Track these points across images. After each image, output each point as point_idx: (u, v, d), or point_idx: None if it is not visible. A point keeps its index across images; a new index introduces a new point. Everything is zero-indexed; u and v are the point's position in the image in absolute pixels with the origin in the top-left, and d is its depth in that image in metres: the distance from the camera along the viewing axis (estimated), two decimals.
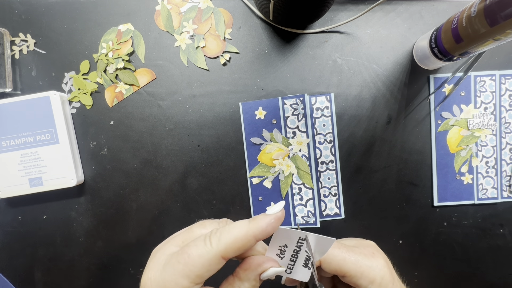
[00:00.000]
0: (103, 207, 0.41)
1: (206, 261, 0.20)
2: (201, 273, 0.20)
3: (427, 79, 0.41)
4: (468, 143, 0.41)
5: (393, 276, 0.27)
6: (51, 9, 0.40)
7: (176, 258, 0.20)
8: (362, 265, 0.26)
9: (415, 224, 0.42)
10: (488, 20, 0.27)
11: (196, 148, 0.41)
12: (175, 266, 0.20)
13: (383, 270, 0.26)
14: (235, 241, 0.21)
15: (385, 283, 0.26)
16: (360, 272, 0.26)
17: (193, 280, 0.20)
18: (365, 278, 0.26)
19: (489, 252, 0.42)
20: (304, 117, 0.41)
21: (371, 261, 0.26)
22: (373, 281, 0.26)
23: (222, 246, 0.20)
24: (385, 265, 0.27)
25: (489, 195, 0.41)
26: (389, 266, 0.27)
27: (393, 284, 0.26)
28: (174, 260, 0.20)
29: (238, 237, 0.21)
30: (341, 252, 0.27)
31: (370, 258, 0.27)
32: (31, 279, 0.42)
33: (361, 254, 0.27)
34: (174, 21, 0.40)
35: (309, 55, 0.41)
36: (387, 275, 0.26)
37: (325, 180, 0.41)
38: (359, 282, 0.26)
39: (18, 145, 0.39)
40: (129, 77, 0.40)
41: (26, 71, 0.40)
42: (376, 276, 0.26)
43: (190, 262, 0.20)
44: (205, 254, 0.20)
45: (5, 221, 0.41)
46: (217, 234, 0.21)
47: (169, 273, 0.20)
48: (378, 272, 0.26)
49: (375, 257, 0.27)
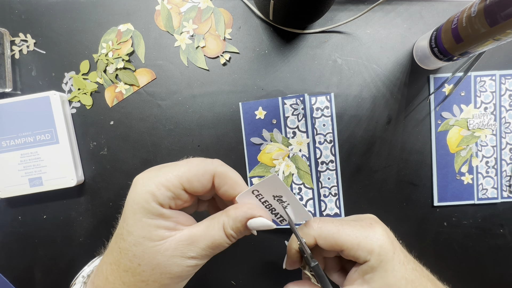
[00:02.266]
0: (103, 207, 0.41)
1: (201, 170, 0.22)
2: (192, 179, 0.22)
3: (427, 79, 0.41)
4: (468, 143, 0.41)
5: (394, 245, 0.25)
6: (51, 9, 0.40)
7: (176, 163, 0.22)
8: (358, 236, 0.25)
9: (415, 224, 0.42)
10: (488, 20, 0.27)
11: (196, 148, 0.41)
12: (171, 167, 0.22)
13: (381, 239, 0.24)
14: (232, 177, 0.23)
15: (384, 252, 0.24)
16: (356, 243, 0.24)
17: (183, 181, 0.21)
18: (363, 248, 0.24)
19: (489, 252, 0.42)
20: (304, 117, 0.41)
21: (367, 231, 0.25)
22: (372, 251, 0.24)
23: (222, 169, 0.23)
24: (384, 234, 0.25)
25: (489, 195, 0.41)
26: (389, 235, 0.26)
27: (394, 254, 0.25)
28: (173, 164, 0.22)
29: (236, 177, 0.23)
30: (335, 226, 0.25)
31: (367, 228, 0.25)
32: (31, 279, 0.42)
33: (356, 226, 0.26)
34: (174, 21, 0.40)
35: (309, 55, 0.41)
36: (386, 243, 0.24)
37: (325, 180, 0.41)
38: (357, 254, 0.24)
39: (18, 145, 0.39)
40: (129, 77, 0.40)
41: (26, 71, 0.40)
42: (374, 245, 0.24)
43: (188, 166, 0.22)
44: (203, 165, 0.22)
45: (5, 221, 0.41)
46: (221, 162, 0.23)
47: (164, 171, 0.22)
48: (376, 241, 0.24)
49: (372, 227, 0.26)
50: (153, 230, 0.21)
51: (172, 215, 0.21)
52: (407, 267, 0.25)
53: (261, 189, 0.23)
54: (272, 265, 0.42)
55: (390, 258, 0.24)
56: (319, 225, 0.26)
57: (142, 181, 0.21)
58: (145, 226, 0.20)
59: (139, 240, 0.20)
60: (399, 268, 0.24)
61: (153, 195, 0.20)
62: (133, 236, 0.21)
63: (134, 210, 0.21)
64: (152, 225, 0.21)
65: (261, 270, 0.42)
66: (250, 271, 0.42)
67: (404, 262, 0.25)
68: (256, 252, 0.42)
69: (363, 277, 0.25)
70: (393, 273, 0.24)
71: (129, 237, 0.21)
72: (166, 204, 0.21)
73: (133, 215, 0.21)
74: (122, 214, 0.22)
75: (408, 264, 0.25)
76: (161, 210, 0.21)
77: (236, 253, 0.41)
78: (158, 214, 0.21)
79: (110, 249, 0.22)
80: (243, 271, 0.42)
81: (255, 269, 0.42)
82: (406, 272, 0.24)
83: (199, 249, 0.21)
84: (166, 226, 0.21)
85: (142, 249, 0.20)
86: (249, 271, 0.42)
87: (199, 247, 0.21)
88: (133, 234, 0.21)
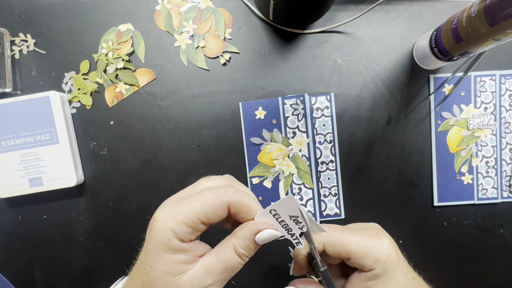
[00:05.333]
0: (103, 207, 0.41)
1: (216, 204, 0.22)
2: (209, 213, 0.22)
3: (427, 79, 0.41)
4: (468, 143, 0.41)
5: (398, 255, 0.27)
6: (51, 9, 0.40)
7: (190, 197, 0.23)
8: (366, 245, 0.26)
9: (415, 224, 0.42)
10: (488, 20, 0.27)
11: (196, 148, 0.41)
12: (188, 202, 0.22)
13: (387, 249, 0.26)
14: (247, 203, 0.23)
15: (390, 262, 0.25)
16: (364, 252, 0.25)
17: (200, 217, 0.22)
18: (370, 257, 0.25)
19: (489, 252, 0.42)
20: (304, 117, 0.41)
21: (375, 241, 0.26)
22: (378, 260, 0.25)
23: (236, 198, 0.23)
24: (390, 244, 0.26)
25: (489, 195, 0.41)
26: (394, 246, 0.27)
27: (399, 263, 0.26)
28: (188, 199, 0.23)
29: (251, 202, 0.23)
30: (344, 234, 0.26)
31: (374, 238, 0.26)
32: (31, 279, 0.42)
33: (364, 235, 0.27)
34: (174, 21, 0.40)
35: (309, 55, 0.41)
36: (392, 254, 0.26)
37: (325, 180, 0.41)
38: (364, 262, 0.26)
39: (18, 145, 0.39)
40: (129, 77, 0.40)
41: (26, 71, 0.40)
42: (381, 255, 0.25)
43: (203, 200, 0.22)
44: (217, 198, 0.22)
45: (5, 221, 0.41)
46: (234, 189, 0.23)
47: (181, 207, 0.22)
48: (383, 251, 0.26)
49: (379, 237, 0.27)
50: (174, 265, 0.22)
51: (191, 248, 0.22)
52: (408, 277, 0.26)
53: (278, 209, 0.24)
54: (272, 265, 0.42)
55: (394, 267, 0.26)
56: (329, 232, 0.27)
57: (162, 218, 0.22)
58: (167, 262, 0.22)
59: (161, 276, 0.22)
60: (402, 277, 0.26)
61: (174, 232, 0.21)
62: (155, 271, 0.22)
63: (157, 247, 0.22)
64: (174, 261, 0.22)
65: (261, 270, 0.42)
66: (250, 271, 0.42)
67: (406, 271, 0.26)
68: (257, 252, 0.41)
69: (365, 283, 0.26)
70: (396, 282, 0.25)
71: (151, 272, 0.22)
72: (187, 238, 0.22)
73: (155, 251, 0.22)
74: (144, 249, 0.23)
75: (409, 274, 0.26)
76: (181, 245, 0.22)
77: None
78: (179, 249, 0.22)
79: (132, 282, 0.24)
80: (243, 271, 0.42)
81: (255, 269, 0.42)
82: (407, 281, 0.26)
83: (215, 275, 0.22)
84: (185, 260, 0.22)
85: (163, 284, 0.22)
86: (249, 271, 0.42)
87: (215, 273, 0.22)
88: (155, 270, 0.22)
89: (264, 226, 0.23)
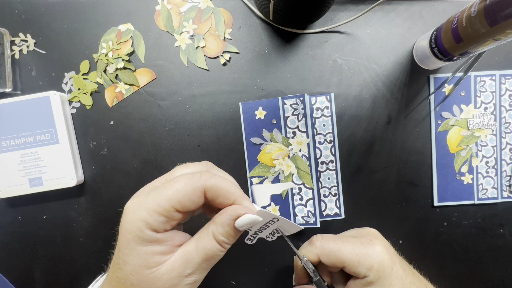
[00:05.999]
0: (103, 207, 0.41)
1: (191, 189, 0.21)
2: (183, 200, 0.21)
3: (427, 79, 0.41)
4: (468, 143, 0.41)
5: (393, 261, 0.27)
6: (51, 9, 0.40)
7: (163, 185, 0.21)
8: (358, 253, 0.26)
9: (415, 224, 0.42)
10: (488, 20, 0.27)
11: (196, 148, 0.41)
12: (160, 190, 0.21)
13: (380, 256, 0.26)
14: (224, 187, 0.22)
15: (383, 269, 0.26)
16: (356, 261, 0.26)
17: (174, 204, 0.21)
18: (363, 265, 0.26)
19: (489, 252, 0.42)
20: (304, 117, 0.41)
21: (367, 249, 0.27)
22: (371, 267, 0.26)
23: (211, 182, 0.21)
24: (383, 251, 0.27)
25: (489, 195, 0.41)
26: (389, 251, 0.27)
27: (392, 270, 0.26)
28: (161, 187, 0.21)
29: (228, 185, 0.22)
30: (336, 244, 0.27)
31: (367, 245, 0.27)
32: (31, 279, 0.42)
33: (356, 243, 0.27)
34: (174, 21, 0.40)
35: (309, 55, 0.41)
36: (386, 260, 0.26)
37: (325, 180, 0.41)
38: (358, 271, 0.26)
39: (18, 145, 0.39)
40: (129, 77, 0.40)
41: (26, 71, 0.40)
42: (374, 262, 0.26)
43: (176, 187, 0.21)
44: (191, 184, 0.21)
45: (5, 221, 0.41)
46: (210, 174, 0.22)
47: (153, 196, 0.21)
48: (375, 258, 0.26)
49: (372, 244, 0.27)
50: (149, 257, 0.21)
51: (167, 238, 0.21)
52: (404, 282, 0.26)
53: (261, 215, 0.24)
54: (272, 265, 0.42)
55: (387, 274, 0.26)
56: (321, 243, 0.27)
57: (133, 208, 0.21)
58: (141, 254, 0.20)
59: (136, 269, 0.20)
60: (396, 283, 0.26)
61: (146, 222, 0.20)
62: (129, 265, 0.21)
63: (128, 240, 0.21)
64: (148, 252, 0.21)
65: (261, 270, 0.42)
66: (250, 271, 0.42)
67: (402, 277, 0.26)
68: (256, 252, 0.42)
69: None
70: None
71: (125, 267, 0.21)
72: (161, 228, 0.21)
73: (127, 244, 0.21)
74: (117, 243, 0.22)
75: (406, 279, 0.27)
76: (155, 236, 0.21)
77: (237, 253, 0.41)
78: (153, 240, 0.21)
79: (108, 279, 0.23)
80: (243, 271, 0.42)
81: (255, 269, 0.42)
82: (403, 286, 0.26)
83: (194, 265, 0.21)
84: (161, 251, 0.21)
85: (139, 278, 0.21)
86: (249, 271, 0.42)
87: (194, 262, 0.21)
88: (129, 263, 0.21)
89: (244, 211, 0.22)
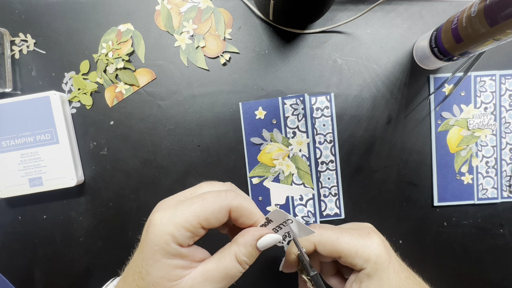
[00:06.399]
0: (103, 207, 0.41)
1: (218, 208, 0.22)
2: (210, 217, 0.22)
3: (427, 79, 0.41)
4: (468, 143, 0.41)
5: (390, 254, 0.27)
6: (51, 9, 0.40)
7: (191, 200, 0.22)
8: (356, 244, 0.26)
9: (415, 224, 0.42)
10: (488, 20, 0.27)
11: (196, 148, 0.41)
12: (188, 206, 0.22)
13: (378, 249, 0.26)
14: (248, 207, 0.23)
15: (380, 261, 0.26)
16: (354, 252, 0.26)
17: (201, 221, 0.21)
18: (360, 257, 0.26)
19: (489, 252, 0.42)
20: (304, 117, 0.41)
21: (365, 240, 0.26)
22: (368, 259, 0.26)
23: (237, 202, 0.22)
24: (380, 243, 0.27)
25: (489, 195, 0.41)
26: (385, 245, 0.27)
27: (390, 263, 0.26)
28: (189, 202, 0.22)
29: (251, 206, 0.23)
30: (335, 233, 0.27)
31: (365, 237, 0.27)
32: (31, 279, 0.42)
33: (355, 234, 0.27)
34: (174, 21, 0.40)
35: (309, 55, 0.41)
36: (383, 253, 0.26)
37: (325, 180, 0.41)
38: (355, 262, 0.26)
39: (18, 145, 0.39)
40: (129, 77, 0.40)
41: (26, 71, 0.40)
42: (371, 254, 0.26)
43: (204, 204, 0.22)
44: (218, 202, 0.22)
45: (5, 221, 0.41)
46: (235, 193, 0.23)
47: (181, 211, 0.22)
48: (373, 250, 0.26)
49: (370, 236, 0.27)
50: (172, 270, 0.21)
51: (189, 253, 0.22)
52: (401, 276, 0.26)
53: (271, 217, 0.24)
54: (272, 265, 0.42)
55: (385, 267, 0.26)
56: (319, 232, 0.27)
57: (161, 221, 0.21)
58: (164, 267, 0.21)
59: (158, 281, 0.21)
60: (394, 277, 0.26)
61: (173, 236, 0.21)
62: (152, 276, 0.21)
63: (154, 251, 0.21)
64: (171, 265, 0.21)
65: (261, 270, 0.42)
66: (250, 271, 0.42)
67: (398, 271, 0.26)
68: None
69: (359, 286, 0.26)
70: (388, 281, 0.26)
71: (148, 277, 0.21)
72: (186, 243, 0.22)
73: (152, 255, 0.21)
74: (140, 253, 0.22)
75: (402, 273, 0.27)
76: (180, 250, 0.21)
77: None
78: (177, 254, 0.21)
79: (127, 286, 0.23)
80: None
81: (255, 269, 0.42)
82: (400, 280, 0.26)
83: (214, 283, 0.22)
84: (183, 265, 0.22)
85: None
86: (249, 271, 0.42)
87: (214, 281, 0.22)
88: (152, 275, 0.21)
89: (265, 231, 0.23)
